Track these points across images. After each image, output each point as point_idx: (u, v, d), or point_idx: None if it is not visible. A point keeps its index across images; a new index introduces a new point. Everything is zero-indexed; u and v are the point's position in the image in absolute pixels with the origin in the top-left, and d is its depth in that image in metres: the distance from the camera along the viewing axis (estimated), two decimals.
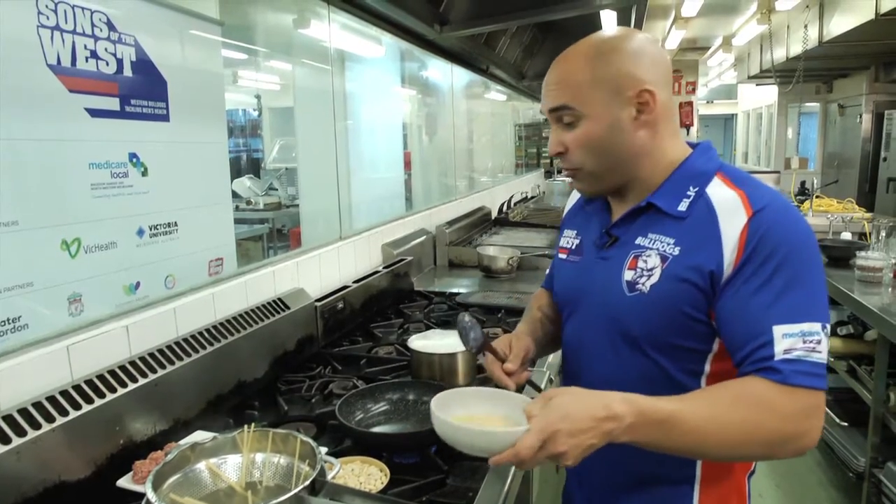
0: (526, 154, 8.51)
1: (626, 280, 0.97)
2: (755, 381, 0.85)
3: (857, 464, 2.67)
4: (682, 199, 0.96)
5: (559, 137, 1.00)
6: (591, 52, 0.96)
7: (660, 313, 0.94)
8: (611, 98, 0.95)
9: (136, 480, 1.12)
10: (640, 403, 0.84)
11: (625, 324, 0.98)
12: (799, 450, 0.86)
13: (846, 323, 2.90)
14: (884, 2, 4.17)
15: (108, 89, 1.34)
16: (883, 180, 6.75)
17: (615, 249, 1.01)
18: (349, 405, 1.37)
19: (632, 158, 0.98)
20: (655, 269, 0.94)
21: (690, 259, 0.91)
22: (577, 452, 0.82)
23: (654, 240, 0.96)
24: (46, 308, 1.22)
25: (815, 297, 0.87)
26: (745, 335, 0.87)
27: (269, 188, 5.88)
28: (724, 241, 0.89)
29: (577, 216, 1.16)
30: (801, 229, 0.89)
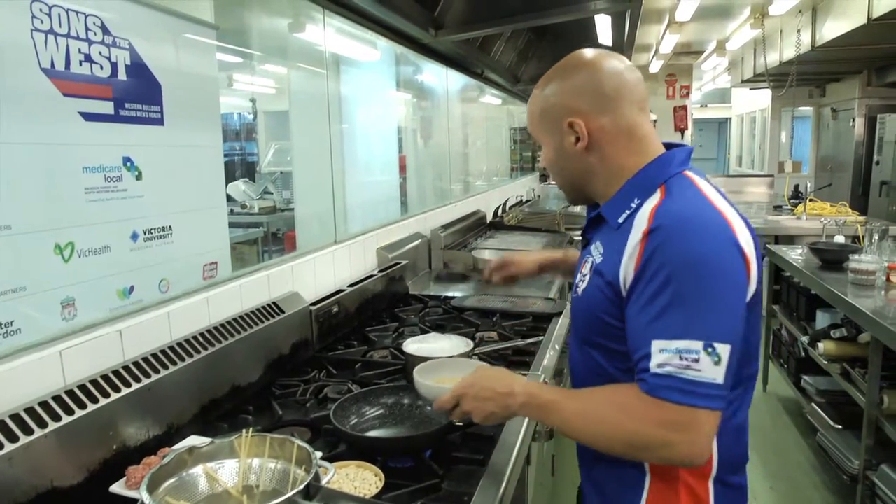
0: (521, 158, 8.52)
1: (577, 282, 1.10)
2: (629, 388, 0.92)
3: (850, 466, 2.67)
4: (623, 211, 1.00)
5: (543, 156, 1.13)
6: (541, 85, 1.07)
7: (585, 315, 1.05)
8: (553, 128, 1.05)
9: (129, 486, 1.11)
10: (533, 389, 1.02)
11: (575, 319, 1.12)
12: (666, 458, 0.92)
13: (840, 326, 2.91)
14: (876, 7, 4.20)
15: (102, 93, 1.34)
16: (876, 184, 6.79)
17: (583, 252, 1.14)
18: (344, 409, 1.37)
19: (582, 178, 1.08)
20: (587, 275, 1.05)
21: (603, 268, 1.00)
22: (481, 415, 1.04)
23: (595, 247, 1.06)
24: (39, 313, 1.21)
25: (698, 316, 0.87)
26: (634, 346, 0.93)
27: (263, 192, 5.86)
28: (625, 255, 0.94)
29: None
30: (693, 248, 0.89)
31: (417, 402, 1.43)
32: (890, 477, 2.35)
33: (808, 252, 3.54)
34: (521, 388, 1.02)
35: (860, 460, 2.55)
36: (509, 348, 1.87)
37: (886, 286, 2.77)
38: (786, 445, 3.45)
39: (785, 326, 3.77)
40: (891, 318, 2.34)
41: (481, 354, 1.80)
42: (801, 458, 3.30)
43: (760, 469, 3.17)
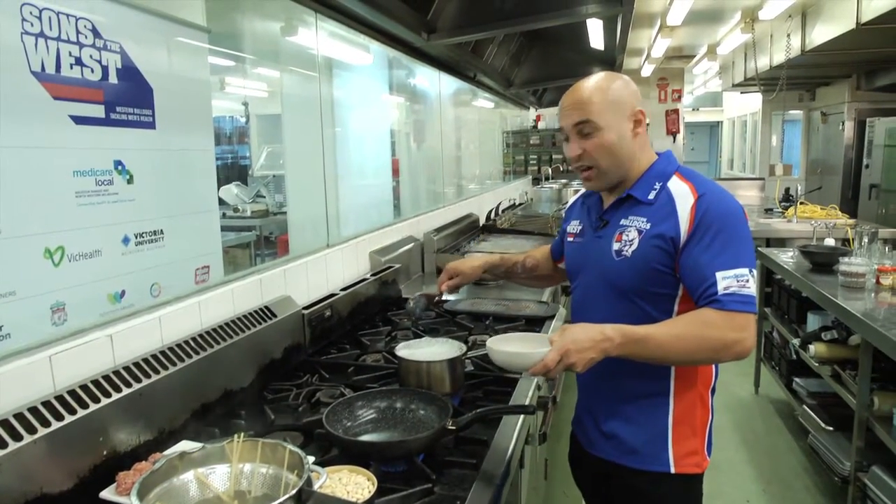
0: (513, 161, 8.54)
1: (614, 250, 1.35)
2: (705, 310, 1.23)
3: (842, 468, 2.69)
4: (650, 191, 1.35)
5: (580, 145, 1.34)
6: (601, 83, 1.34)
7: (639, 270, 1.31)
8: (620, 115, 1.33)
9: (119, 492, 1.10)
10: (625, 329, 1.21)
11: (615, 280, 1.35)
12: (737, 354, 1.22)
13: (830, 328, 2.93)
14: (865, 11, 4.24)
15: (92, 96, 1.33)
16: (865, 187, 6.84)
17: (606, 230, 1.39)
18: (336, 414, 1.36)
19: (628, 161, 1.36)
20: (634, 239, 1.32)
21: (657, 230, 1.30)
22: (583, 363, 1.18)
23: (633, 220, 1.34)
24: (29, 317, 1.21)
25: (743, 252, 1.24)
26: (700, 281, 1.24)
27: (256, 195, 5.85)
28: (679, 217, 1.28)
29: (579, 210, 1.55)
30: (732, 206, 1.28)
31: (410, 406, 1.42)
32: (881, 478, 2.36)
33: (798, 255, 3.56)
34: (613, 332, 1.19)
35: (851, 462, 2.56)
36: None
37: (876, 289, 2.79)
38: (777, 448, 3.46)
39: (776, 329, 3.79)
40: (881, 320, 2.36)
41: (474, 358, 1.80)
42: (793, 460, 3.31)
43: (752, 471, 3.18)
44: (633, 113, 1.34)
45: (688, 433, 1.36)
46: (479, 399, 1.61)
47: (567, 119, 1.35)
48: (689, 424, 1.37)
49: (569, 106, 1.35)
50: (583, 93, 1.34)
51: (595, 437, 1.45)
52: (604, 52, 4.31)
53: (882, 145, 6.48)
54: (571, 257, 1.52)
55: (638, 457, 1.37)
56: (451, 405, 1.39)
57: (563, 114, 1.36)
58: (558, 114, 1.39)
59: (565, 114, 1.36)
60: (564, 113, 1.36)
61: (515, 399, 1.57)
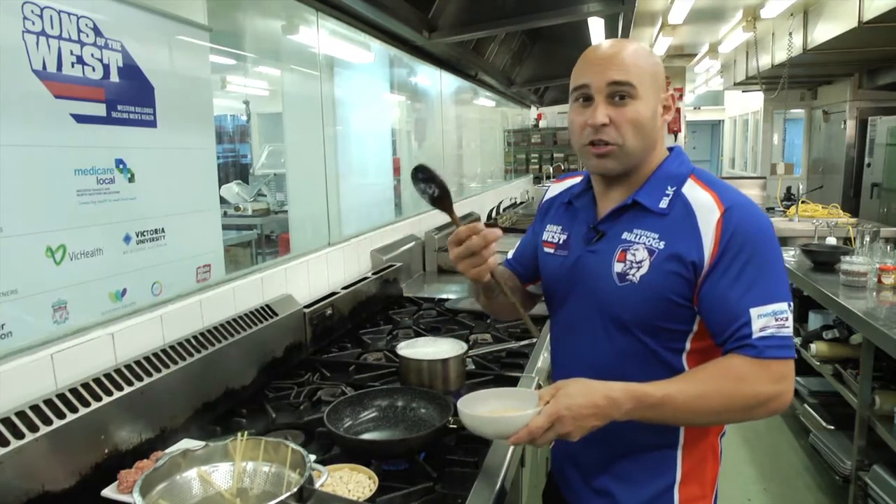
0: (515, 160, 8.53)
1: (616, 272, 1.07)
2: (735, 358, 0.99)
3: (843, 467, 2.69)
4: (662, 198, 1.08)
5: (606, 111, 1.05)
6: (643, 48, 1.10)
7: (648, 301, 1.04)
8: (657, 90, 1.09)
9: (121, 490, 1.11)
10: (636, 391, 0.97)
11: (615, 310, 1.08)
12: (774, 410, 1.00)
13: (832, 327, 2.93)
14: (867, 10, 4.23)
15: (94, 95, 1.33)
16: (867, 186, 6.83)
17: (602, 244, 1.11)
18: (338, 412, 1.36)
19: (652, 146, 1.10)
20: (644, 261, 1.05)
21: (675, 252, 1.03)
22: (581, 432, 0.97)
23: (640, 235, 1.07)
24: (30, 315, 1.21)
25: (780, 281, 1.01)
26: (728, 318, 1.00)
27: (257, 194, 5.85)
28: (703, 236, 1.02)
29: (561, 212, 1.24)
30: (764, 224, 1.03)
31: (411, 405, 1.42)
32: (882, 477, 2.36)
33: (800, 254, 3.55)
34: (622, 395, 0.97)
35: (852, 461, 2.56)
36: (503, 350, 1.87)
37: (878, 287, 2.79)
38: (779, 447, 3.46)
39: None
40: (882, 319, 2.35)
41: (475, 356, 1.80)
42: (794, 459, 3.31)
43: (754, 471, 3.18)
44: (666, 95, 1.11)
45: (697, 493, 1.12)
46: None
47: (599, 75, 1.04)
48: (699, 482, 1.13)
49: (604, 60, 1.05)
50: (625, 50, 1.05)
51: (582, 493, 1.20)
52: None
53: (884, 144, 6.47)
54: (552, 275, 1.20)
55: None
56: (453, 404, 1.39)
57: (592, 67, 1.06)
58: (580, 68, 1.09)
59: (597, 68, 1.05)
60: (596, 66, 1.06)
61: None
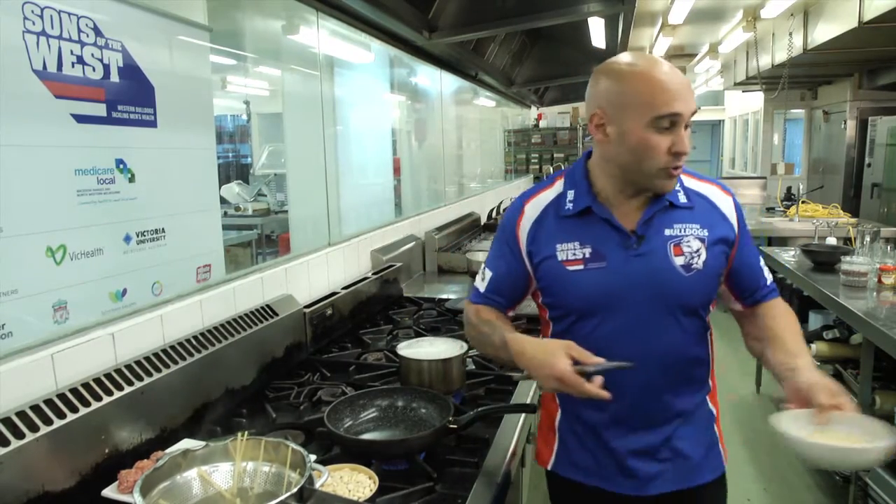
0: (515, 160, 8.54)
1: (679, 264, 1.19)
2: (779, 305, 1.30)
3: None
4: (676, 193, 1.23)
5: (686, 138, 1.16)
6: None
7: (711, 281, 1.22)
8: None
9: (121, 490, 1.11)
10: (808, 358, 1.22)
11: (685, 298, 1.20)
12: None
13: (832, 327, 2.93)
14: (867, 10, 4.23)
15: (94, 95, 1.33)
16: (867, 186, 6.83)
17: (647, 244, 1.19)
18: (338, 412, 1.36)
19: None
20: (700, 249, 1.19)
21: (718, 236, 1.22)
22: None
23: (683, 228, 1.21)
24: (31, 315, 1.21)
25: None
26: (755, 279, 1.29)
27: (257, 194, 5.85)
28: (728, 218, 1.24)
29: (562, 229, 1.22)
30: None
31: (412, 405, 1.42)
32: (882, 478, 2.36)
33: (800, 254, 3.55)
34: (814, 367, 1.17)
35: None
36: None
37: (878, 287, 2.78)
38: (778, 446, 3.46)
39: None
40: (882, 319, 2.35)
41: (475, 357, 1.80)
42: (794, 458, 3.31)
43: (754, 470, 3.18)
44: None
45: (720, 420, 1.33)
46: (481, 398, 1.61)
47: (687, 104, 1.12)
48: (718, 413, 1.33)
49: (687, 89, 1.13)
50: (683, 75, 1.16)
51: (651, 473, 1.23)
52: (605, 50, 4.30)
53: (884, 144, 6.46)
54: (590, 288, 1.19)
55: (702, 471, 1.28)
56: (453, 404, 1.39)
57: (681, 97, 1.11)
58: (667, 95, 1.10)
59: (684, 97, 1.11)
60: (683, 96, 1.11)
61: (516, 398, 1.57)
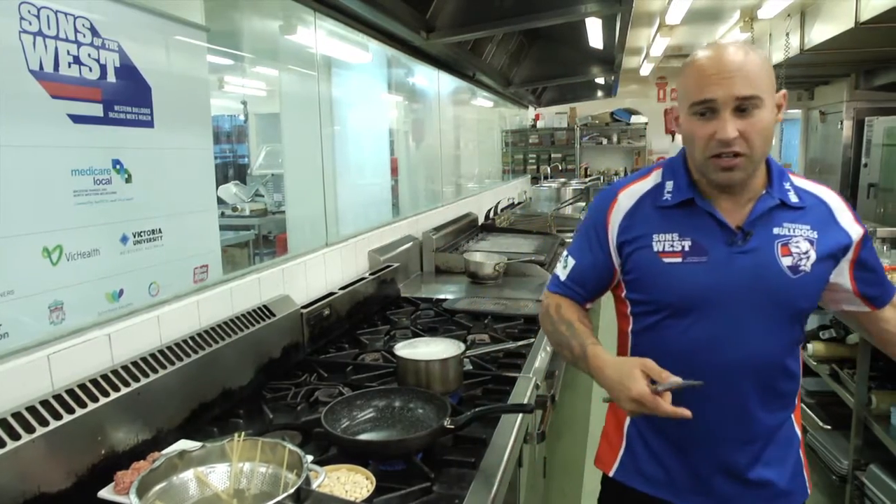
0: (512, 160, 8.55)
1: (787, 266, 1.13)
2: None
3: (840, 466, 2.69)
4: (787, 192, 1.17)
5: (735, 125, 1.07)
6: (760, 56, 1.10)
7: (819, 286, 1.17)
8: (773, 94, 1.11)
9: (117, 491, 1.10)
10: None
11: (795, 301, 1.15)
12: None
13: (829, 327, 2.93)
14: (863, 11, 4.24)
15: (91, 95, 1.33)
16: (864, 186, 6.84)
17: (753, 242, 1.15)
18: (335, 413, 1.36)
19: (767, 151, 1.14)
20: (809, 251, 1.14)
21: (828, 239, 1.15)
22: None
23: (793, 228, 1.15)
24: (27, 316, 1.20)
25: None
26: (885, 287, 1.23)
27: (255, 194, 5.85)
28: (842, 224, 1.17)
29: (661, 219, 1.19)
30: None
31: (409, 406, 1.42)
32: (879, 477, 2.37)
33: None
34: None
35: (849, 460, 2.56)
36: (501, 351, 1.87)
37: None
38: None
39: None
40: None
41: (472, 357, 1.80)
42: None
43: None
44: (779, 96, 1.12)
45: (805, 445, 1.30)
46: (478, 398, 1.61)
47: (726, 90, 1.05)
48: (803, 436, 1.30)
49: (732, 73, 1.05)
50: (748, 58, 1.06)
51: (733, 493, 1.22)
52: (603, 50, 4.31)
53: (881, 144, 6.48)
54: (688, 284, 1.16)
55: (790, 497, 1.26)
56: (450, 404, 1.39)
57: (717, 81, 1.06)
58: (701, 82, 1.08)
59: (723, 82, 1.05)
60: (721, 80, 1.05)
61: (514, 398, 1.57)
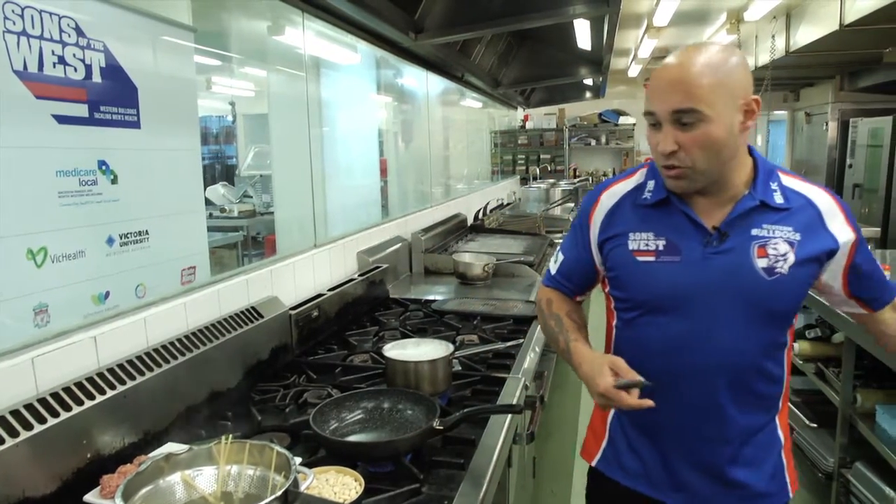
0: (502, 161, 8.56)
1: (762, 267, 1.11)
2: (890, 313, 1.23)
3: (826, 464, 2.72)
4: (773, 193, 1.13)
5: (675, 137, 1.06)
6: (715, 58, 1.04)
7: (800, 288, 1.13)
8: (732, 101, 1.05)
9: (103, 495, 1.09)
10: None
11: (769, 303, 1.12)
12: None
13: (814, 326, 2.96)
14: (848, 13, 4.29)
15: (76, 95, 1.32)
16: (849, 186, 6.92)
17: (730, 243, 1.12)
18: (324, 414, 1.36)
19: (732, 160, 1.10)
20: (788, 253, 1.11)
21: (812, 243, 1.12)
22: None
23: (773, 230, 1.12)
24: (11, 319, 1.19)
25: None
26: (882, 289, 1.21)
27: (243, 195, 5.82)
28: (830, 227, 1.13)
29: (638, 218, 1.19)
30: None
31: (398, 407, 1.42)
32: (864, 475, 2.39)
33: None
34: None
35: (835, 458, 2.59)
36: (490, 351, 1.87)
37: None
38: None
39: None
40: None
41: (461, 358, 1.81)
42: None
43: None
44: (747, 101, 1.06)
45: (790, 447, 1.26)
46: (467, 399, 1.61)
47: (663, 102, 1.05)
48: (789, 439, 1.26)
49: (669, 85, 1.05)
50: (690, 70, 1.03)
51: (708, 492, 1.21)
52: (591, 52, 4.33)
53: (865, 145, 6.56)
54: (661, 282, 1.15)
55: (769, 499, 1.22)
56: (439, 405, 1.39)
57: (657, 94, 1.06)
58: (649, 92, 1.09)
59: (661, 95, 1.05)
60: (660, 94, 1.06)
61: (503, 399, 1.57)
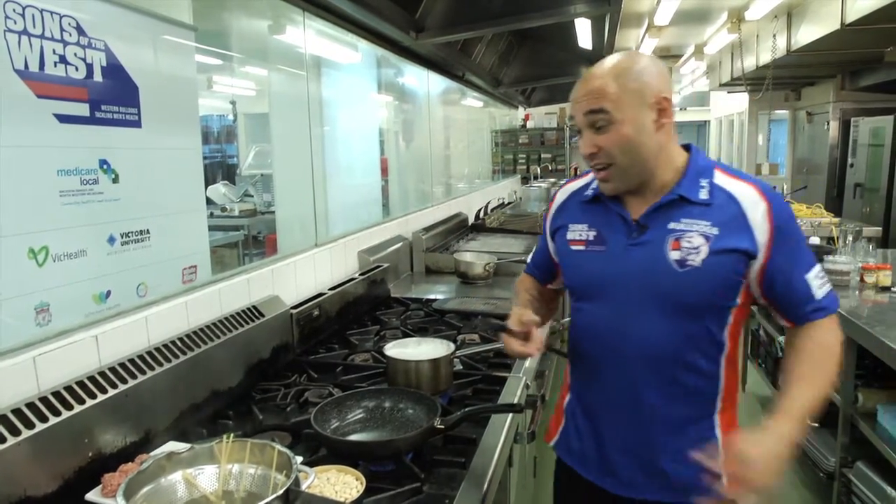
0: (502, 160, 8.56)
1: (674, 259, 1.15)
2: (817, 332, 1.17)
3: (827, 464, 2.71)
4: (699, 189, 1.18)
5: (592, 140, 1.16)
6: (620, 64, 1.15)
7: (713, 280, 1.15)
8: (637, 104, 1.13)
9: (105, 494, 1.10)
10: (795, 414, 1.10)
11: (679, 295, 1.16)
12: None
13: None
14: (849, 12, 4.28)
15: (77, 95, 1.32)
16: (850, 186, 6.91)
17: (648, 235, 1.18)
18: (325, 413, 1.36)
19: (654, 157, 1.17)
20: (701, 246, 1.14)
21: (731, 235, 1.14)
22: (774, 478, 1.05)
23: (690, 224, 1.16)
24: (12, 318, 1.19)
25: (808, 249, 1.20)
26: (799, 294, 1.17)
27: (244, 195, 5.82)
28: (752, 223, 1.14)
29: (580, 212, 1.29)
30: (791, 209, 1.21)
31: (399, 406, 1.42)
32: (865, 474, 2.39)
33: None
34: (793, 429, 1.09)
35: (836, 458, 2.58)
36: (490, 350, 1.87)
37: (860, 286, 2.82)
38: None
39: (762, 327, 3.83)
40: (864, 317, 2.38)
41: (462, 357, 1.81)
42: None
43: None
44: (657, 100, 1.14)
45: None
46: (468, 398, 1.61)
47: (579, 109, 1.17)
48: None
49: (581, 94, 1.17)
50: (596, 78, 1.15)
51: (634, 477, 1.23)
52: (592, 51, 4.32)
53: (866, 145, 6.55)
54: (589, 270, 1.24)
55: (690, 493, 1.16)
56: (440, 404, 1.39)
57: (574, 103, 1.18)
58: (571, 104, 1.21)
59: (576, 104, 1.18)
60: (577, 102, 1.18)
61: (504, 398, 1.57)
